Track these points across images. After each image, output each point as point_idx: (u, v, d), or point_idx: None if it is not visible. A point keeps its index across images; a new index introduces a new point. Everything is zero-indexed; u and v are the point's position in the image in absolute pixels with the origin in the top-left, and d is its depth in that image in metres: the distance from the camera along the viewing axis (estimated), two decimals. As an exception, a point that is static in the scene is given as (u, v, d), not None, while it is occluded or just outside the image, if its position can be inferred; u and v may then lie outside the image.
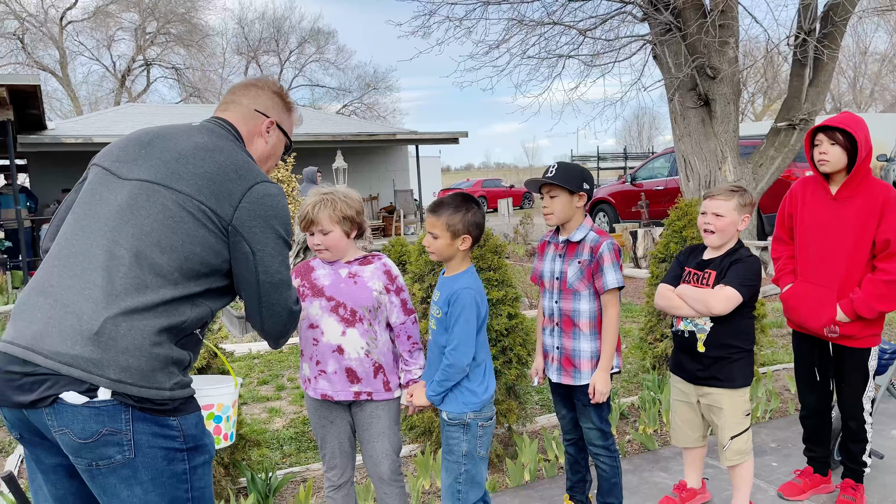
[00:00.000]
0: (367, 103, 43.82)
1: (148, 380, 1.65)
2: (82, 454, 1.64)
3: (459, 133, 19.35)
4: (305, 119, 20.88)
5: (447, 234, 2.47)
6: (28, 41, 34.26)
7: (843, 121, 2.94)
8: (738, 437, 2.93)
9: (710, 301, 2.83)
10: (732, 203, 2.87)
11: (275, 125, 2.09)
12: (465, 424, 2.47)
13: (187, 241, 1.76)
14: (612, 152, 35.91)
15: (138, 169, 1.83)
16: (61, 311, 1.64)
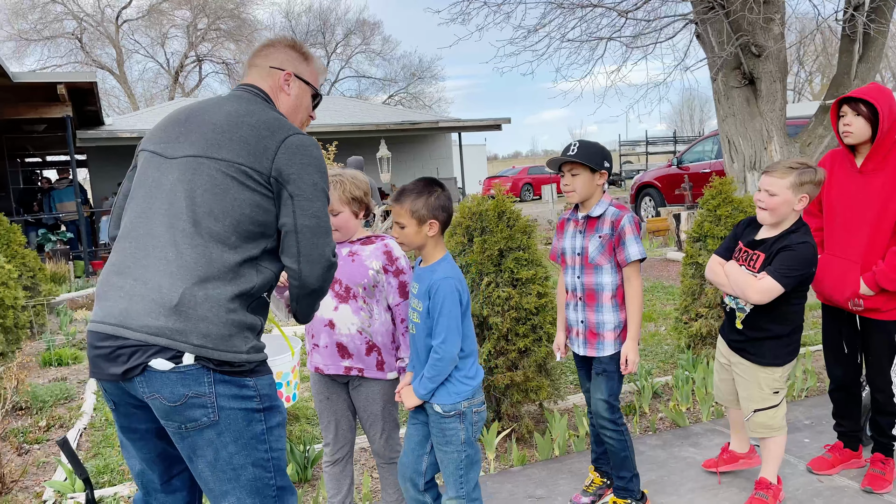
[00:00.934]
0: (412, 93, 44.00)
1: (226, 344, 1.80)
2: (172, 417, 1.79)
3: (502, 119, 19.32)
4: (349, 110, 21.25)
5: (413, 222, 2.43)
6: (86, 40, 35.50)
7: (868, 92, 2.92)
8: (764, 412, 2.93)
9: (748, 290, 2.78)
10: (787, 181, 2.72)
11: (293, 76, 2.14)
12: (461, 414, 2.46)
13: (236, 205, 1.86)
14: (662, 137, 35.29)
15: (182, 147, 1.94)
16: (142, 288, 1.80)
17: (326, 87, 43.01)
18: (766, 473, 3.02)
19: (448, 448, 2.47)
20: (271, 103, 2.09)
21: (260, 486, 1.86)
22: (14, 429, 4.38)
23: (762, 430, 2.97)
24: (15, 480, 3.68)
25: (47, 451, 4.15)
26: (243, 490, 1.85)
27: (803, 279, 2.78)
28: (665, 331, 5.98)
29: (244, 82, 2.13)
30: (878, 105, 2.86)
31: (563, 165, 2.93)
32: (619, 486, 3.01)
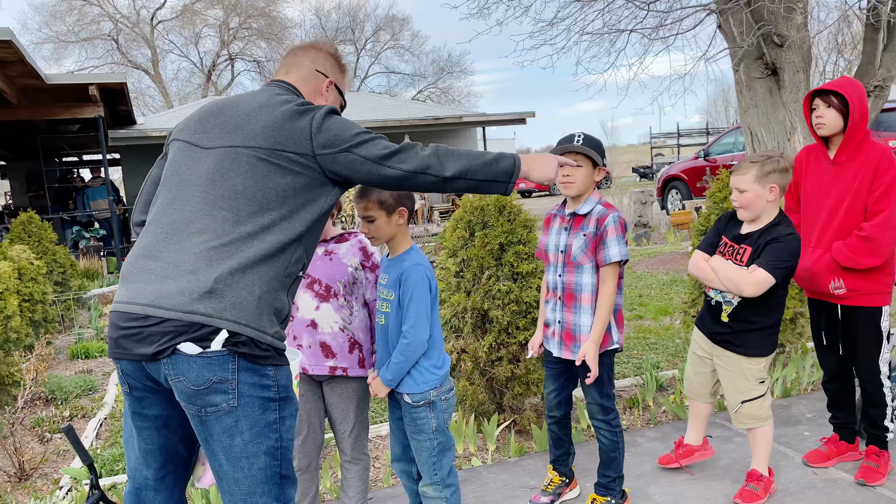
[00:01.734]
0: (441, 88, 44.02)
1: (257, 322, 1.85)
2: (194, 401, 1.85)
3: (527, 113, 19.26)
4: (374, 106, 21.33)
5: (382, 213, 2.44)
6: (122, 41, 36.27)
7: (838, 84, 2.94)
8: (751, 403, 2.96)
9: (741, 284, 2.80)
10: (751, 175, 2.79)
11: (333, 84, 2.23)
12: (431, 403, 2.49)
13: (278, 189, 1.92)
14: (695, 129, 34.82)
15: (217, 137, 2.00)
16: (174, 270, 1.83)
17: (357, 82, 43.29)
18: (756, 465, 3.04)
19: (420, 437, 2.51)
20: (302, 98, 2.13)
21: (269, 474, 1.92)
22: (38, 418, 4.57)
23: (750, 420, 2.98)
24: (35, 467, 3.85)
25: (67, 441, 4.32)
26: (254, 478, 1.91)
27: (790, 272, 2.82)
28: (680, 324, 5.96)
29: (280, 78, 2.18)
30: (849, 96, 2.90)
31: (567, 155, 2.78)
32: (602, 484, 2.98)
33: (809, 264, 3.08)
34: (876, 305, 3.02)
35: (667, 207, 15.36)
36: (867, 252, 2.90)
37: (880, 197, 2.89)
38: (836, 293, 3.02)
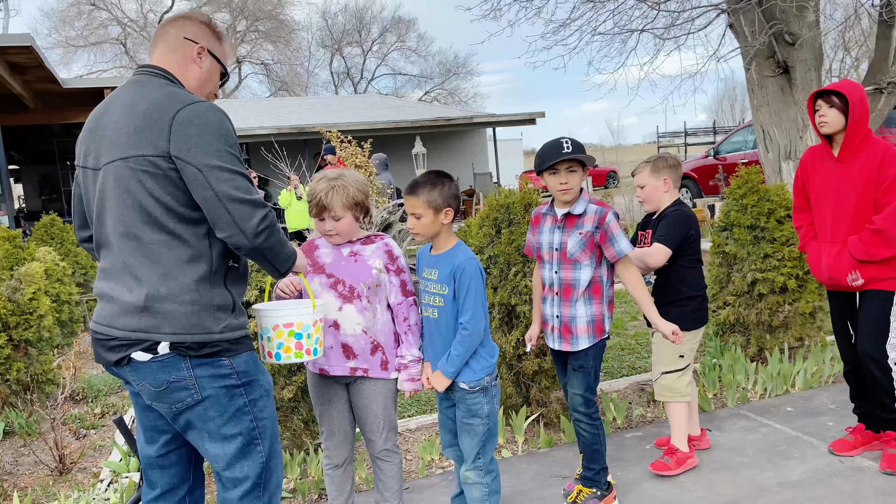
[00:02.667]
0: (448, 89, 44.16)
1: (196, 327, 1.96)
2: (162, 400, 2.02)
3: (536, 114, 19.34)
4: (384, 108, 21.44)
5: (430, 211, 2.54)
6: (130, 45, 36.50)
7: (839, 86, 3.13)
8: (669, 375, 3.25)
9: (643, 258, 3.16)
10: (647, 171, 3.28)
11: (206, 51, 2.14)
12: (485, 388, 2.61)
13: (160, 195, 1.92)
14: (701, 128, 34.80)
15: (100, 156, 2.01)
16: (117, 293, 1.98)
17: (363, 84, 43.42)
18: (674, 440, 3.31)
19: (474, 421, 2.62)
20: (174, 81, 2.08)
21: (247, 451, 2.07)
22: (72, 415, 4.67)
23: (667, 392, 3.26)
24: (74, 462, 3.95)
25: (102, 436, 4.43)
26: (231, 456, 2.06)
27: (684, 239, 3.18)
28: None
29: (145, 64, 2.14)
30: (849, 96, 3.08)
31: (559, 164, 2.86)
32: (587, 477, 3.05)
33: (828, 261, 3.20)
34: (889, 290, 3.14)
35: (677, 206, 15.40)
36: (880, 244, 3.04)
37: (887, 190, 3.04)
38: (854, 285, 3.16)
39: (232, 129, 2.00)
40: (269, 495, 2.15)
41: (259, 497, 2.12)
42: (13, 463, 4.07)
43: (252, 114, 20.36)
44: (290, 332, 2.31)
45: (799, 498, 3.00)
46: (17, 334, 4.71)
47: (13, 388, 4.67)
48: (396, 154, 17.72)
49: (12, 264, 6.09)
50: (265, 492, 2.13)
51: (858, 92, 3.11)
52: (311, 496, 3.39)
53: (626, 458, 3.49)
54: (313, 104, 23.23)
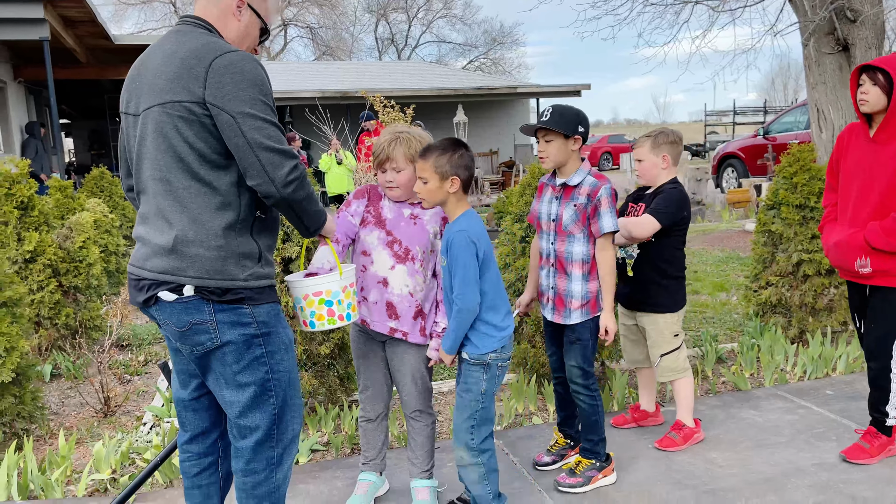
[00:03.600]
0: (492, 58, 43.68)
1: (221, 273, 2.00)
2: (183, 341, 2.07)
3: (582, 86, 19.03)
4: (427, 75, 21.26)
5: (435, 177, 2.45)
6: (180, 4, 36.77)
7: (887, 61, 2.91)
8: (668, 356, 3.27)
9: (629, 226, 3.13)
10: (646, 147, 3.24)
11: (246, 4, 2.14)
12: (486, 365, 2.50)
13: (193, 141, 1.95)
14: (751, 107, 33.88)
15: (140, 102, 2.04)
16: (149, 235, 2.04)
17: (407, 51, 43.17)
18: (680, 416, 3.34)
19: (467, 395, 2.53)
20: (213, 31, 2.09)
21: (261, 401, 2.10)
22: (117, 361, 4.83)
23: (669, 373, 3.29)
24: (118, 405, 4.09)
25: (146, 382, 4.57)
26: (244, 405, 2.10)
27: (676, 219, 3.16)
28: (736, 300, 5.94)
29: (187, 14, 2.15)
30: (894, 75, 2.85)
31: (538, 132, 2.87)
32: (586, 448, 3.02)
33: (838, 239, 3.05)
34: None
35: (721, 185, 15.10)
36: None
37: None
38: (861, 272, 3.00)
39: (267, 80, 2.01)
40: (282, 447, 2.18)
41: (272, 448, 2.15)
42: (59, 404, 4.23)
43: (296, 76, 20.43)
44: (320, 300, 2.35)
45: (834, 480, 2.97)
46: (66, 280, 4.87)
47: (61, 333, 4.84)
48: (438, 122, 17.65)
49: (63, 213, 6.27)
50: (278, 443, 2.16)
51: None
52: (343, 450, 3.46)
53: (657, 430, 3.48)
54: (357, 69, 23.21)
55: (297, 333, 3.62)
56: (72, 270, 4.91)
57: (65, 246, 4.93)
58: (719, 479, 3.01)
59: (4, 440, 3.42)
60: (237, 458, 2.17)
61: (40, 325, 4.78)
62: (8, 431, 3.44)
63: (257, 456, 2.14)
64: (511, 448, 3.39)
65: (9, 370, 3.34)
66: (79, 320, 4.92)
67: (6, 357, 3.35)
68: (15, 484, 3.05)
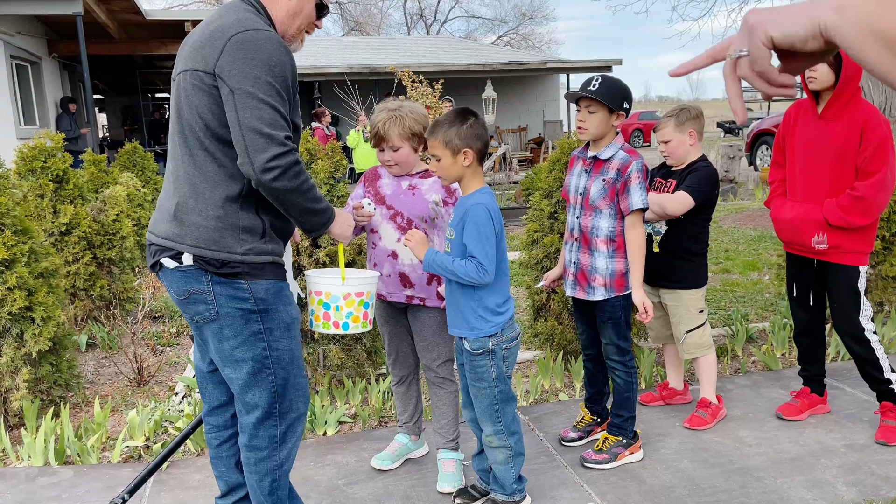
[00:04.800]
0: (522, 34, 43.13)
1: (217, 244, 1.99)
2: (184, 308, 2.09)
3: (613, 61, 18.72)
4: (456, 50, 21.07)
5: (447, 153, 2.36)
6: (210, -20, 36.81)
7: None
8: (693, 332, 3.25)
9: (664, 202, 3.09)
10: (671, 126, 3.19)
11: None
12: (490, 351, 2.44)
13: (203, 111, 1.96)
14: (787, 83, 32.98)
15: (178, 68, 2.07)
16: (161, 200, 2.10)
17: (437, 26, 42.81)
18: (704, 393, 3.33)
19: (480, 384, 2.48)
20: (261, 9, 2.07)
21: (259, 379, 2.07)
22: (150, 332, 4.93)
23: (694, 349, 3.27)
24: (151, 375, 4.18)
25: (178, 353, 4.66)
26: (244, 381, 2.08)
27: (707, 198, 3.14)
28: (768, 279, 5.85)
29: None
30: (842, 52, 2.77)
31: (581, 100, 2.78)
32: (615, 424, 2.99)
33: (792, 216, 3.06)
34: (853, 264, 3.00)
35: (755, 163, 14.80)
36: (859, 211, 2.89)
37: (871, 157, 2.86)
38: (818, 248, 3.01)
39: (285, 64, 1.95)
40: (286, 425, 2.16)
41: (275, 426, 2.13)
42: (95, 373, 4.34)
43: (325, 51, 20.40)
44: (318, 300, 2.34)
45: (865, 461, 2.93)
46: (100, 253, 4.96)
47: (96, 304, 4.95)
48: (466, 98, 17.52)
49: (97, 187, 6.37)
50: (281, 422, 2.14)
51: None
52: (371, 422, 3.50)
53: (684, 409, 3.46)
54: (385, 44, 23.09)
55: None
56: (105, 243, 4.99)
57: (99, 219, 5.02)
58: (747, 458, 2.99)
59: (42, 407, 3.52)
60: (242, 432, 2.17)
61: (76, 296, 4.89)
62: (45, 399, 3.54)
63: (259, 433, 2.13)
64: (537, 423, 3.40)
65: (46, 339, 3.42)
66: (113, 292, 5.01)
67: (43, 326, 3.44)
68: (52, 449, 3.15)
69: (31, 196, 4.72)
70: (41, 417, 3.46)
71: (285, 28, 2.13)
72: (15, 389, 3.42)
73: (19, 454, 3.21)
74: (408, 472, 3.00)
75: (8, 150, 6.19)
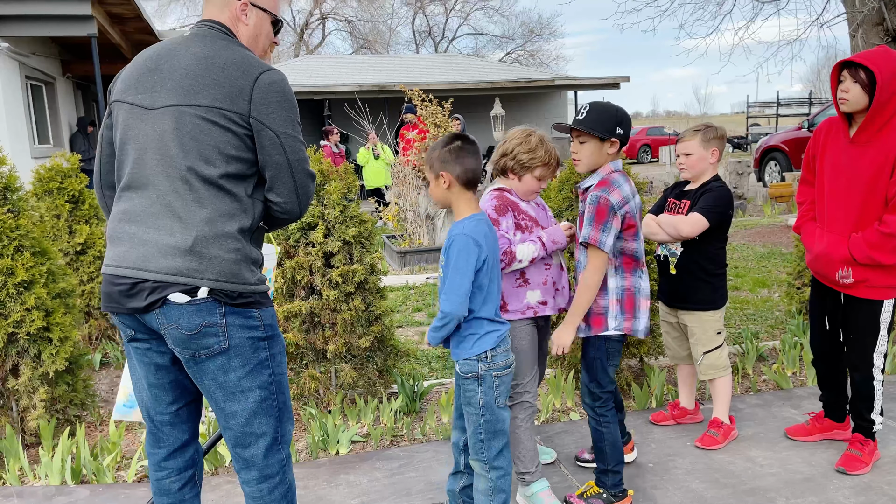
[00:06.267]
0: (529, 50, 43.35)
1: (237, 276, 1.98)
2: (188, 345, 1.97)
3: (620, 78, 18.81)
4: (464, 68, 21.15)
5: (431, 175, 2.38)
6: (220, 0, 37.27)
7: (869, 57, 2.70)
8: (711, 353, 3.24)
9: (679, 224, 3.12)
10: (697, 140, 3.17)
11: (249, 5, 2.12)
12: (479, 377, 2.37)
13: (221, 147, 1.96)
14: (796, 98, 33.05)
15: (159, 97, 1.99)
16: (155, 234, 1.94)
17: (444, 43, 43.13)
18: (717, 413, 3.32)
19: (469, 409, 2.42)
20: (233, 37, 2.10)
21: (265, 406, 2.07)
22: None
23: (712, 371, 3.26)
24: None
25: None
26: (250, 411, 2.05)
27: (722, 218, 3.14)
28: (778, 297, 5.85)
29: (203, 18, 2.13)
30: (878, 72, 2.65)
31: (572, 131, 2.72)
32: (596, 473, 2.84)
33: (820, 250, 2.94)
34: (880, 298, 2.89)
35: (763, 179, 14.81)
36: (888, 249, 2.75)
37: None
38: (843, 282, 2.91)
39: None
40: (286, 446, 2.17)
41: (280, 450, 2.14)
42: (109, 391, 4.38)
43: (334, 70, 20.58)
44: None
45: (877, 482, 2.92)
46: (115, 272, 5.01)
47: (110, 322, 5.00)
48: (475, 115, 17.63)
49: (111, 207, 6.45)
50: (284, 444, 2.15)
51: (891, 67, 2.66)
52: (382, 441, 3.52)
53: (696, 428, 3.46)
54: (394, 62, 23.28)
55: (339, 326, 3.69)
56: (120, 262, 5.05)
57: (113, 238, 5.08)
58: (759, 479, 2.99)
59: (58, 426, 3.56)
60: (248, 468, 2.11)
61: (90, 315, 4.95)
62: (61, 418, 3.58)
63: (269, 461, 2.11)
64: (548, 443, 3.41)
65: (62, 359, 3.47)
66: (127, 311, 5.06)
67: (60, 346, 3.48)
68: (69, 469, 3.18)
69: (47, 216, 4.80)
70: (58, 436, 3.50)
71: (252, 50, 2.16)
72: (32, 409, 3.46)
73: (37, 473, 3.25)
74: (420, 491, 3.01)
75: (24, 169, 6.28)
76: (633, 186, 2.73)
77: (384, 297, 3.90)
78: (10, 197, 3.62)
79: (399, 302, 6.42)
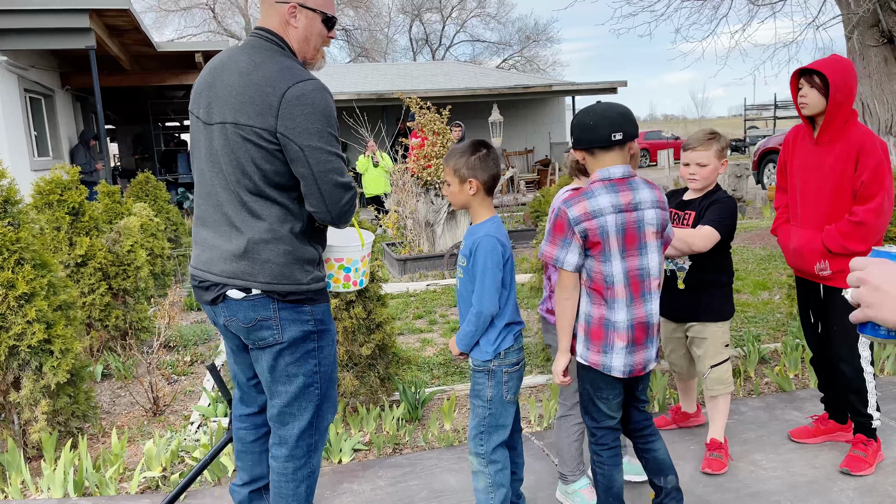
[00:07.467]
0: (527, 56, 43.46)
1: (288, 278, 2.19)
2: (247, 336, 2.26)
3: (618, 82, 18.84)
4: (462, 75, 21.17)
5: (455, 180, 2.45)
6: (218, 10, 37.43)
7: (822, 64, 2.90)
8: (718, 367, 3.14)
9: (691, 239, 2.99)
10: (712, 151, 3.06)
11: (297, 6, 2.16)
12: (490, 371, 2.43)
13: (261, 164, 2.10)
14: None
15: (214, 113, 2.15)
16: (216, 240, 2.21)
17: (441, 51, 43.24)
18: (715, 434, 3.18)
19: (476, 401, 2.49)
20: (283, 44, 2.17)
21: (307, 392, 2.31)
22: (165, 361, 4.97)
23: (718, 386, 3.14)
24: (167, 405, 4.21)
25: (192, 382, 4.69)
26: (291, 394, 2.30)
27: (731, 229, 3.06)
28: (779, 299, 5.85)
29: (257, 25, 2.22)
30: (830, 76, 2.84)
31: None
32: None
33: (796, 244, 3.06)
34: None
35: (763, 181, 14.82)
36: (858, 237, 2.88)
37: (868, 182, 2.85)
38: (821, 274, 3.01)
39: (332, 108, 2.13)
40: (319, 434, 2.39)
41: (311, 435, 2.36)
42: (111, 403, 4.37)
43: (332, 78, 20.63)
44: (339, 265, 2.52)
45: (881, 483, 2.92)
46: (115, 283, 5.02)
47: (112, 334, 5.00)
48: (473, 122, 17.67)
49: (111, 218, 6.46)
50: (316, 431, 2.37)
51: (842, 72, 2.86)
52: (385, 449, 3.51)
53: (698, 431, 3.46)
54: (392, 70, 23.35)
55: (340, 334, 3.68)
56: (121, 273, 5.06)
57: (114, 250, 5.09)
58: (762, 482, 2.99)
59: (60, 438, 3.55)
60: (280, 445, 2.35)
61: (91, 326, 4.95)
62: (63, 430, 3.57)
63: (299, 443, 2.34)
64: (552, 450, 3.41)
65: (64, 371, 3.47)
66: (128, 322, 5.07)
67: (62, 358, 3.48)
68: (71, 481, 3.18)
69: (48, 229, 4.80)
70: (59, 449, 3.49)
71: (304, 53, 2.25)
72: (34, 421, 3.46)
73: (39, 486, 3.24)
74: (424, 499, 3.01)
75: (24, 181, 6.30)
76: (621, 200, 2.33)
77: (385, 304, 3.91)
78: (10, 210, 3.63)
79: (399, 309, 6.42)
